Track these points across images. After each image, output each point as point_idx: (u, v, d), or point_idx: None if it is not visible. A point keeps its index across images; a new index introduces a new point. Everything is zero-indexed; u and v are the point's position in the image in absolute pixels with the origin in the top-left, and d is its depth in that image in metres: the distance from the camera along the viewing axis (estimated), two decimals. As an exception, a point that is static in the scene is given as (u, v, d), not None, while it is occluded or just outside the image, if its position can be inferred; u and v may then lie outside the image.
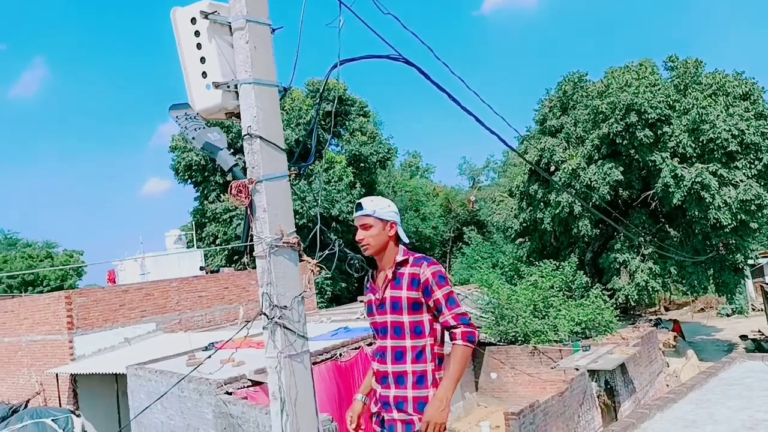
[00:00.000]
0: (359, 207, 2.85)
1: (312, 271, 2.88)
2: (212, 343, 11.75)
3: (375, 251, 2.83)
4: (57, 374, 15.02)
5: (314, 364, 9.87)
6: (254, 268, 2.89)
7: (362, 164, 30.77)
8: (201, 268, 21.71)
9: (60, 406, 15.02)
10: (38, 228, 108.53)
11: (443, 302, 2.70)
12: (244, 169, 2.87)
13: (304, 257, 2.93)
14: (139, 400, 10.69)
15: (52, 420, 13.39)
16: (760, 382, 6.66)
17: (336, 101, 29.20)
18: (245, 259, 24.98)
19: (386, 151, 32.50)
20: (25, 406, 15.15)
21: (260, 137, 2.78)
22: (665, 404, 6.00)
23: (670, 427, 5.47)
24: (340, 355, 10.56)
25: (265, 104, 2.86)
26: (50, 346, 15.73)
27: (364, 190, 30.17)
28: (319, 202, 23.41)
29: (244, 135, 2.81)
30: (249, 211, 2.79)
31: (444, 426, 2.60)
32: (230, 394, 8.37)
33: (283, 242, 2.80)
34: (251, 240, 2.83)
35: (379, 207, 2.84)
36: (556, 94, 25.22)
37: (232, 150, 2.95)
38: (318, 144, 27.63)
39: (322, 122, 22.29)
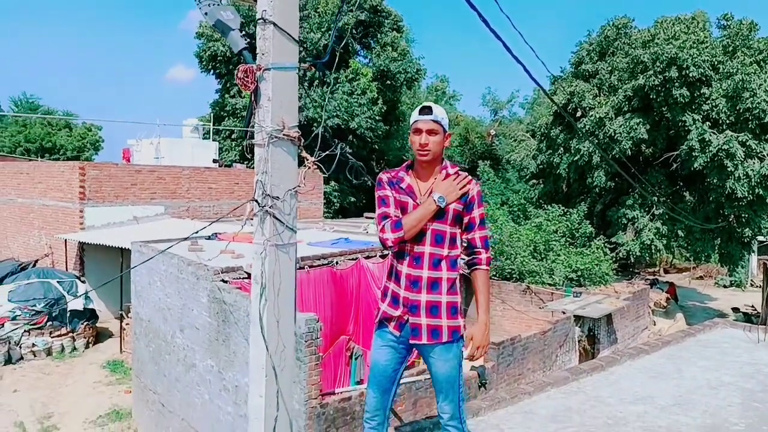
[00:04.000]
0: (428, 111, 2.79)
1: (308, 166, 2.91)
2: (215, 233, 12.08)
3: (432, 158, 2.82)
4: (66, 240, 15.58)
5: (311, 267, 10.17)
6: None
7: (388, 81, 29.98)
8: (214, 161, 21.92)
9: (66, 270, 15.68)
10: (58, 97, 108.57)
11: (477, 221, 2.85)
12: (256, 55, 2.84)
13: (304, 153, 2.94)
14: (140, 275, 11.14)
15: (58, 282, 13.99)
16: (735, 349, 6.80)
17: (368, 10, 28.09)
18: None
19: (415, 71, 31.52)
20: (34, 265, 15.83)
21: (274, 24, 2.73)
22: (637, 354, 6.18)
23: (637, 375, 5.66)
24: (337, 263, 10.81)
25: (284, -10, 2.78)
26: (61, 213, 16.21)
27: (385, 108, 29.67)
28: (326, 98, 22.92)
29: (258, 19, 2.76)
30: (253, 98, 2.78)
31: (488, 347, 2.93)
32: (226, 282, 8.69)
33: (284, 134, 2.80)
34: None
35: (445, 116, 2.84)
36: (597, 38, 24.23)
37: (244, 32, 2.90)
38: (345, 53, 26.93)
39: (353, 31, 21.61)
